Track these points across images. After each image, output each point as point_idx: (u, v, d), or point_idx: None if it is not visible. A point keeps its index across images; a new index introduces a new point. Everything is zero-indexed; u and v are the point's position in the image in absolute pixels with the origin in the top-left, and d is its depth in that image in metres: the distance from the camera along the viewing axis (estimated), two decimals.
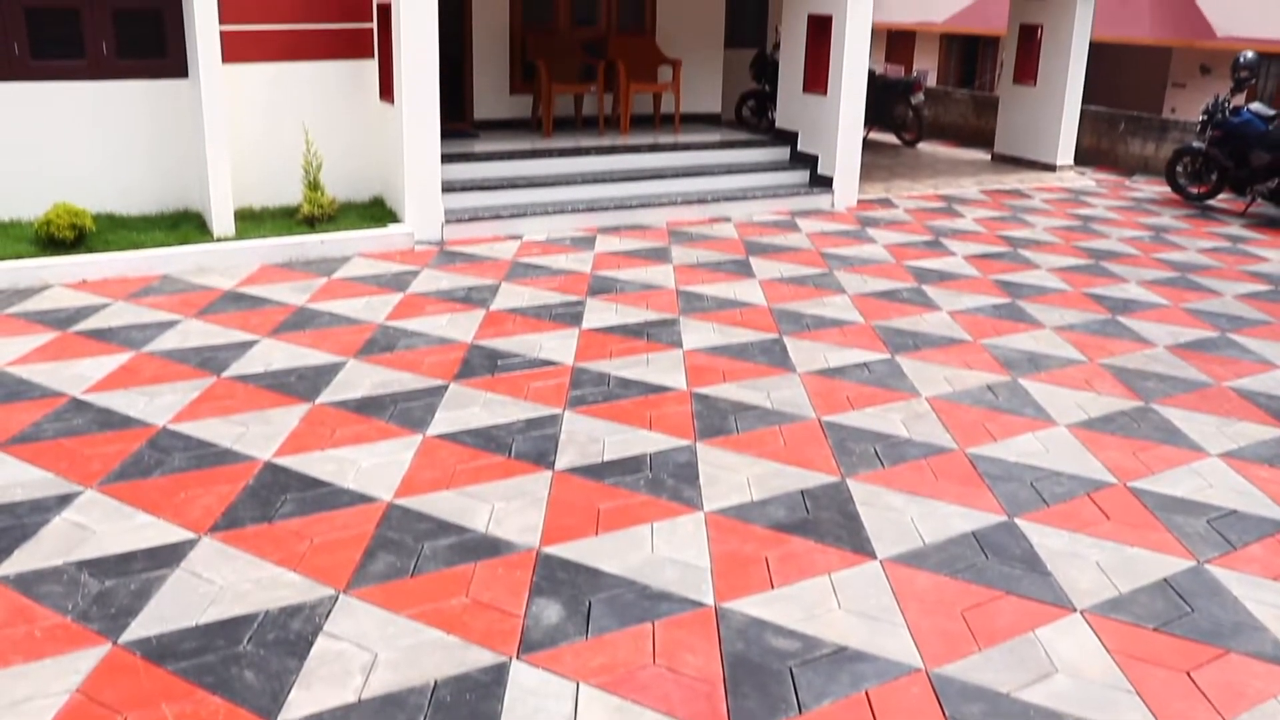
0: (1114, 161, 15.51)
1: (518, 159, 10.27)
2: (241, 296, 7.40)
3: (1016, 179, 13.72)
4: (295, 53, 9.25)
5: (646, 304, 7.46)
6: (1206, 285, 8.78)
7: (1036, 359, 6.63)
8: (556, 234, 9.57)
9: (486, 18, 11.70)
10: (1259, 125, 11.84)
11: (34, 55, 8.42)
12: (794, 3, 11.57)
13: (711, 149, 11.39)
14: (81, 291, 7.42)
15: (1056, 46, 14.15)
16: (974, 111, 17.65)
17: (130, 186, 8.89)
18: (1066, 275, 8.87)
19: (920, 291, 8.12)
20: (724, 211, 10.58)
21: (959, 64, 24.05)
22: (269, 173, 9.23)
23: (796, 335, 6.89)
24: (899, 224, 10.66)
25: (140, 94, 8.78)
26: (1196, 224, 11.53)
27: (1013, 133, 14.92)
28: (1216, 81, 17.88)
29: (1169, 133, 14.89)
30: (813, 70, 11.37)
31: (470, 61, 11.76)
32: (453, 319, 6.98)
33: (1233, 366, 6.67)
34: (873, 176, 12.98)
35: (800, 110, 11.60)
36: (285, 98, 9.25)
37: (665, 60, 12.17)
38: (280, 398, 5.52)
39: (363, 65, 9.56)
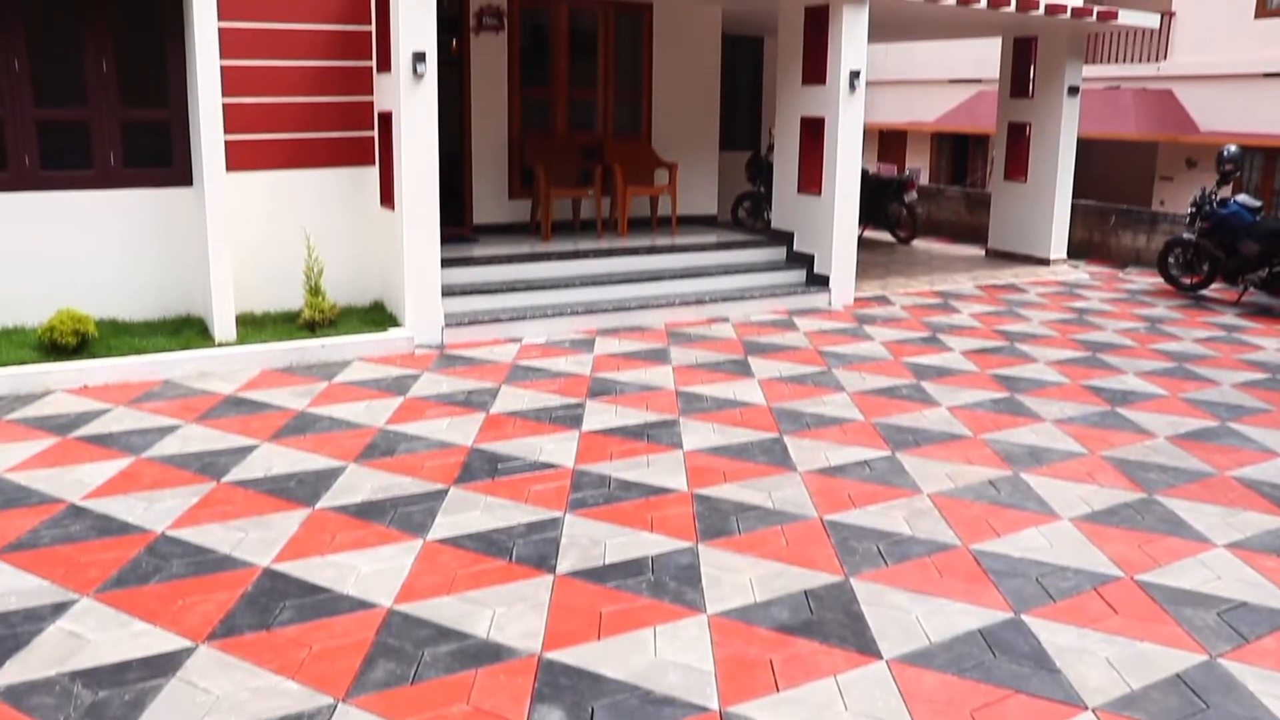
0: (1106, 254, 15.68)
1: (517, 263, 10.38)
2: (242, 401, 7.42)
3: (1011, 274, 13.85)
4: (298, 161, 9.43)
5: (646, 405, 7.47)
6: (1204, 375, 8.81)
7: (1037, 453, 6.62)
8: (556, 336, 9.63)
9: (485, 124, 11.94)
10: (1246, 216, 12.01)
11: (44, 166, 8.60)
12: (787, 106, 11.82)
13: (709, 250, 11.53)
14: (83, 397, 7.44)
15: (1045, 144, 14.42)
16: (967, 208, 17.90)
17: (134, 292, 8.98)
18: (1064, 368, 8.91)
19: (919, 388, 8.14)
20: (722, 312, 10.66)
21: (950, 162, 24.44)
22: (271, 278, 9.33)
23: (797, 434, 6.89)
24: (896, 321, 10.74)
25: (146, 202, 8.93)
26: (1191, 314, 11.61)
27: (1005, 228, 15.12)
28: (1202, 174, 18.17)
29: (1159, 225, 15.09)
30: (807, 171, 11.56)
31: (470, 167, 11.96)
32: (453, 422, 6.99)
33: (1234, 456, 6.65)
34: (869, 274, 13.11)
35: (795, 211, 11.77)
36: (287, 205, 9.40)
37: (661, 164, 12.38)
38: (280, 503, 5.50)
39: (364, 172, 9.74)
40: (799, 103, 11.59)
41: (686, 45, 13.07)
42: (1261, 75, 17.93)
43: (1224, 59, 18.61)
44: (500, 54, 11.90)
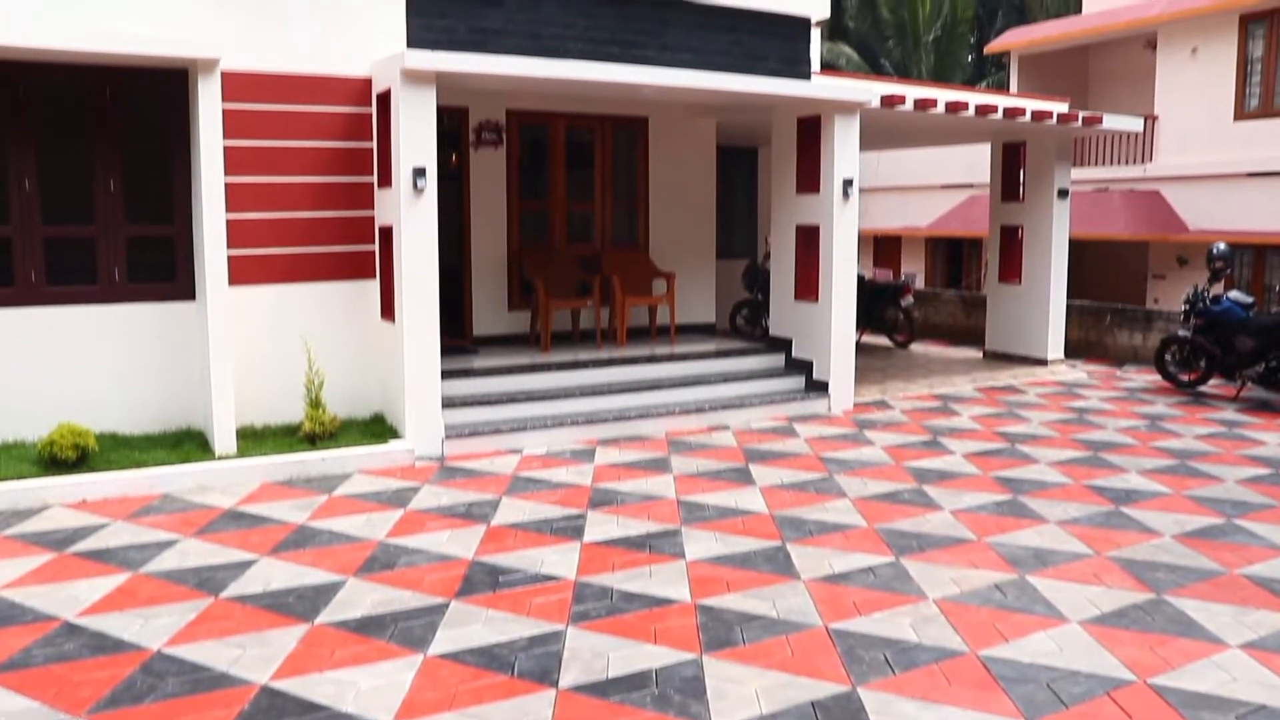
0: (1103, 353, 15.76)
1: (517, 374, 10.42)
2: (242, 515, 7.38)
3: (1009, 375, 13.89)
4: (299, 275, 9.54)
5: (648, 515, 7.43)
6: (1207, 471, 8.78)
7: (1043, 555, 6.56)
8: (557, 447, 9.62)
9: (485, 237, 12.10)
10: (1239, 312, 12.12)
11: (49, 281, 8.70)
12: (782, 214, 12.00)
13: (707, 358, 11.58)
14: (81, 511, 7.41)
15: (1038, 246, 14.60)
16: (963, 311, 18.03)
17: (135, 406, 9.00)
18: (1066, 468, 8.88)
19: (921, 492, 8.10)
20: (722, 420, 10.67)
21: (945, 265, 24.69)
22: (271, 390, 9.36)
23: (799, 541, 6.84)
24: (896, 425, 10.73)
25: (149, 316, 9.01)
26: (1191, 410, 11.61)
27: (1002, 330, 15.22)
28: (1194, 272, 18.34)
29: (1154, 323, 15.20)
30: (803, 278, 11.69)
31: (469, 279, 12.09)
32: (454, 535, 6.94)
33: (1243, 553, 6.60)
34: (868, 379, 13.14)
35: (793, 318, 11.87)
36: (289, 318, 9.48)
37: (659, 273, 12.52)
38: (279, 618, 5.43)
39: (365, 285, 9.84)
40: (794, 211, 11.77)
41: (682, 157, 13.32)
42: (1244, 175, 18.24)
43: (1207, 160, 18.96)
44: (499, 168, 12.13)
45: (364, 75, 9.65)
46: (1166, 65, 20.00)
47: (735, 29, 11.58)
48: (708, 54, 11.38)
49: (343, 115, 9.61)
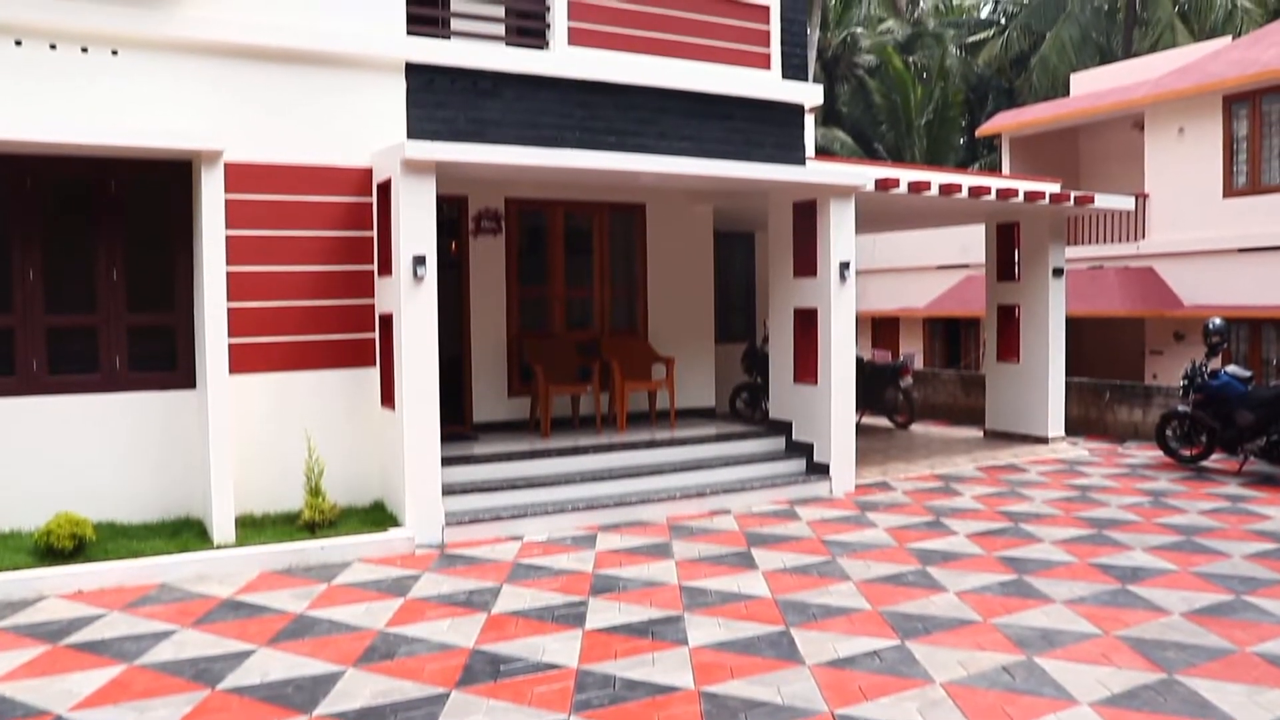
0: (1104, 430, 15.74)
1: (517, 460, 10.41)
2: (240, 604, 7.31)
3: (1010, 454, 13.86)
4: (300, 363, 9.58)
5: (650, 601, 7.36)
6: (1213, 547, 8.72)
7: (1050, 635, 6.49)
8: (558, 533, 9.56)
9: (485, 324, 12.17)
10: (1238, 386, 12.14)
11: (51, 370, 8.73)
12: (780, 298, 12.08)
13: (708, 442, 11.57)
14: (77, 602, 7.34)
15: (1035, 324, 14.67)
16: (962, 390, 18.05)
17: (134, 494, 8.97)
18: (1071, 547, 8.81)
19: (925, 574, 8.03)
20: (723, 504, 10.62)
21: (943, 345, 24.77)
22: (271, 479, 9.33)
23: (803, 626, 6.77)
24: (898, 506, 10.68)
25: (149, 405, 9.02)
26: (1194, 486, 11.57)
27: (1002, 409, 15.22)
28: (1191, 347, 18.41)
29: (1153, 398, 15.20)
30: (802, 361, 11.72)
31: (469, 366, 12.14)
32: (454, 623, 6.87)
33: (1254, 630, 6.52)
34: (869, 460, 13.11)
35: (792, 400, 11.88)
36: (289, 406, 9.49)
37: (658, 358, 12.57)
38: (276, 710, 5.35)
39: (365, 373, 9.87)
40: (791, 294, 11.85)
41: (680, 242, 13.45)
42: (1236, 250, 18.40)
43: (1199, 236, 19.15)
44: (498, 255, 12.25)
45: (365, 165, 9.80)
46: (1155, 145, 20.31)
47: (731, 116, 11.79)
48: (704, 141, 11.57)
49: (344, 205, 9.74)
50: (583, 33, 10.86)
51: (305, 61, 9.54)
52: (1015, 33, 32.67)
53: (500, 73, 10.47)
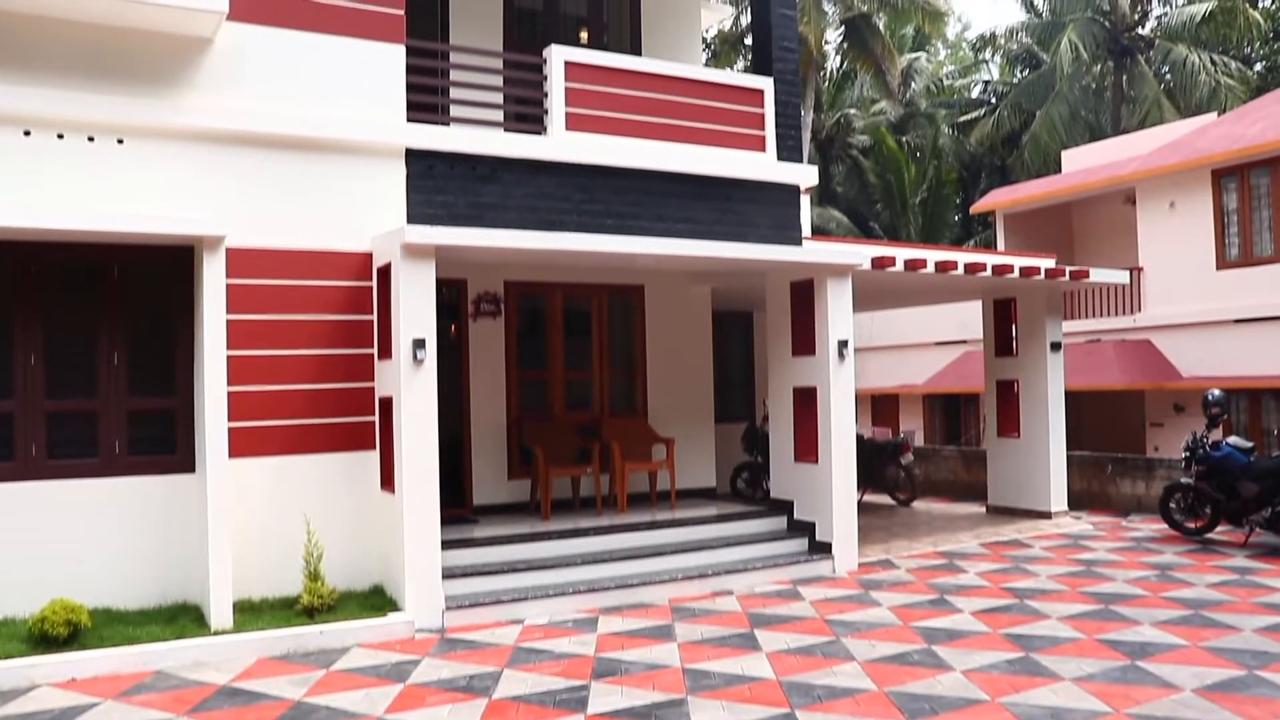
0: (1107, 503, 15.67)
1: (518, 543, 10.35)
2: (237, 692, 7.21)
3: (1014, 529, 13.78)
4: (299, 446, 9.56)
5: (653, 685, 7.27)
6: (1223, 621, 8.63)
7: (1060, 714, 6.39)
8: (559, 616, 9.47)
9: (484, 406, 12.19)
10: (1240, 458, 12.12)
11: (50, 455, 8.72)
12: (779, 377, 12.10)
13: (709, 523, 11.51)
14: (70, 691, 7.24)
15: (1034, 399, 14.69)
16: (964, 466, 18.00)
17: (131, 580, 8.88)
18: (1078, 623, 8.72)
19: (931, 652, 7.94)
20: (726, 585, 10.53)
21: (943, 421, 24.77)
22: (270, 563, 9.25)
23: (809, 708, 6.68)
24: (902, 585, 10.59)
25: (148, 489, 8.98)
26: (1200, 559, 11.48)
27: (1004, 484, 15.18)
28: (1192, 419, 18.40)
29: (1156, 471, 15.16)
30: (802, 440, 11.70)
31: (469, 448, 12.12)
32: (455, 709, 6.77)
33: (1268, 706, 6.43)
34: (871, 538, 13.03)
35: (793, 479, 11.84)
36: (288, 490, 9.45)
37: (658, 439, 12.55)
38: None
39: (364, 456, 9.84)
40: (790, 374, 11.88)
41: (679, 323, 13.53)
42: (1232, 321, 18.50)
43: (1194, 308, 19.26)
44: (498, 338, 12.31)
45: (365, 250, 9.89)
46: (1147, 219, 20.53)
47: (728, 198, 11.92)
48: (701, 223, 11.68)
49: (344, 289, 9.81)
50: (580, 118, 11.04)
51: (307, 148, 9.68)
52: (1006, 112, 33.20)
53: (499, 158, 10.62)
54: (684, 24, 14.16)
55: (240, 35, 9.36)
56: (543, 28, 13.08)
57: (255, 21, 9.44)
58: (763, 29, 12.56)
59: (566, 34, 13.22)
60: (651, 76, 11.54)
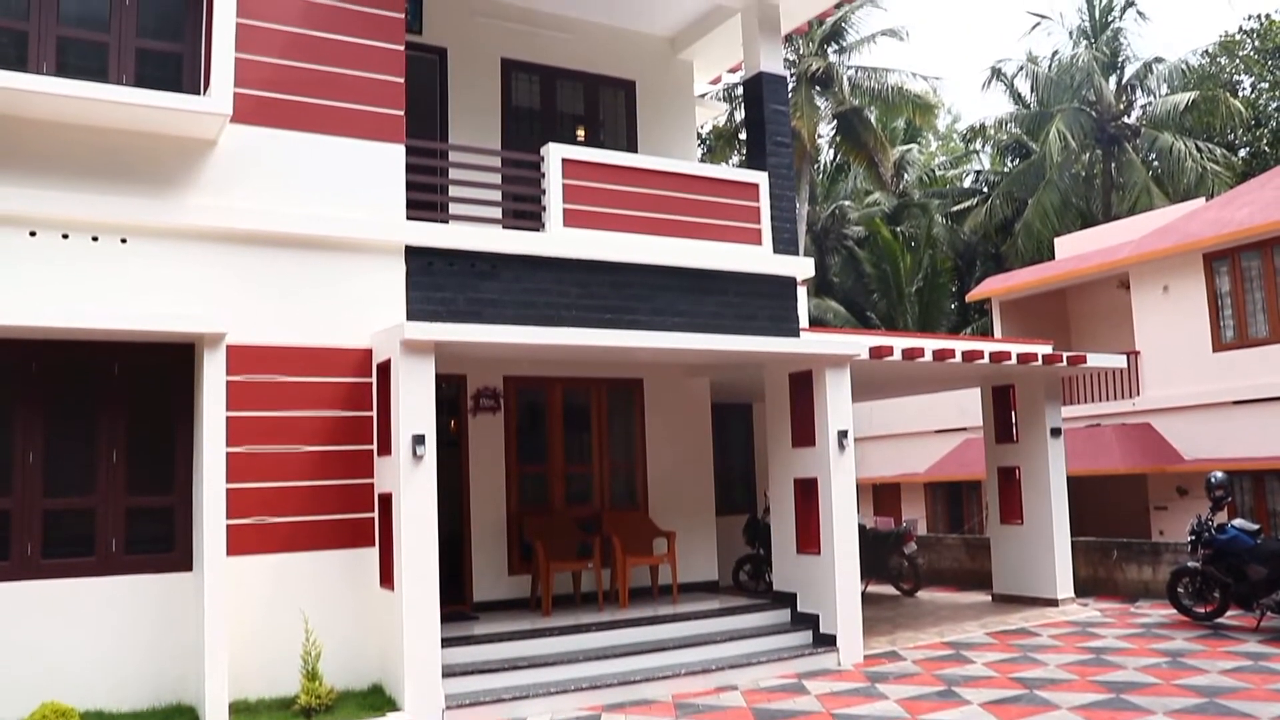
0: (1114, 589, 15.51)
1: (518, 639, 10.23)
2: None
3: (1020, 618, 13.62)
4: (298, 544, 9.50)
5: None
6: (1239, 709, 8.49)
7: None
8: (561, 714, 9.32)
9: (484, 501, 12.15)
10: (1247, 540, 12.04)
11: (45, 554, 8.65)
12: (779, 468, 12.07)
13: (712, 617, 11.38)
14: None
15: (1036, 485, 14.64)
16: (968, 554, 17.86)
17: (125, 680, 8.73)
18: (1089, 713, 8.58)
19: None
20: (730, 679, 10.37)
21: (946, 508, 24.61)
22: (267, 662, 9.13)
23: None
24: (909, 676, 10.44)
25: (144, 588, 8.90)
26: (1211, 644, 11.33)
27: (1009, 572, 15.04)
28: (1195, 502, 18.28)
29: (1162, 555, 15.04)
30: (804, 531, 11.63)
31: (469, 544, 12.05)
32: None
33: None
34: (876, 630, 12.88)
35: (796, 571, 11.74)
36: (286, 587, 9.37)
37: (659, 532, 12.48)
38: None
39: (364, 554, 9.78)
40: (791, 465, 11.85)
41: (678, 415, 13.54)
42: (1231, 403, 18.51)
43: (1193, 391, 19.28)
44: (497, 433, 12.32)
45: (365, 346, 9.95)
46: (1141, 303, 20.66)
47: (725, 291, 12.01)
48: (699, 316, 11.75)
49: (344, 385, 9.85)
50: (578, 214, 11.19)
51: (308, 246, 9.80)
52: (998, 200, 33.63)
53: (498, 254, 10.73)
54: (679, 120, 14.45)
55: (243, 137, 9.55)
56: (540, 126, 13.35)
57: (258, 124, 9.64)
58: (756, 124, 12.80)
59: (563, 131, 13.49)
60: (647, 172, 11.73)
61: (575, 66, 13.72)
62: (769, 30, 12.73)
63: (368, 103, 10.13)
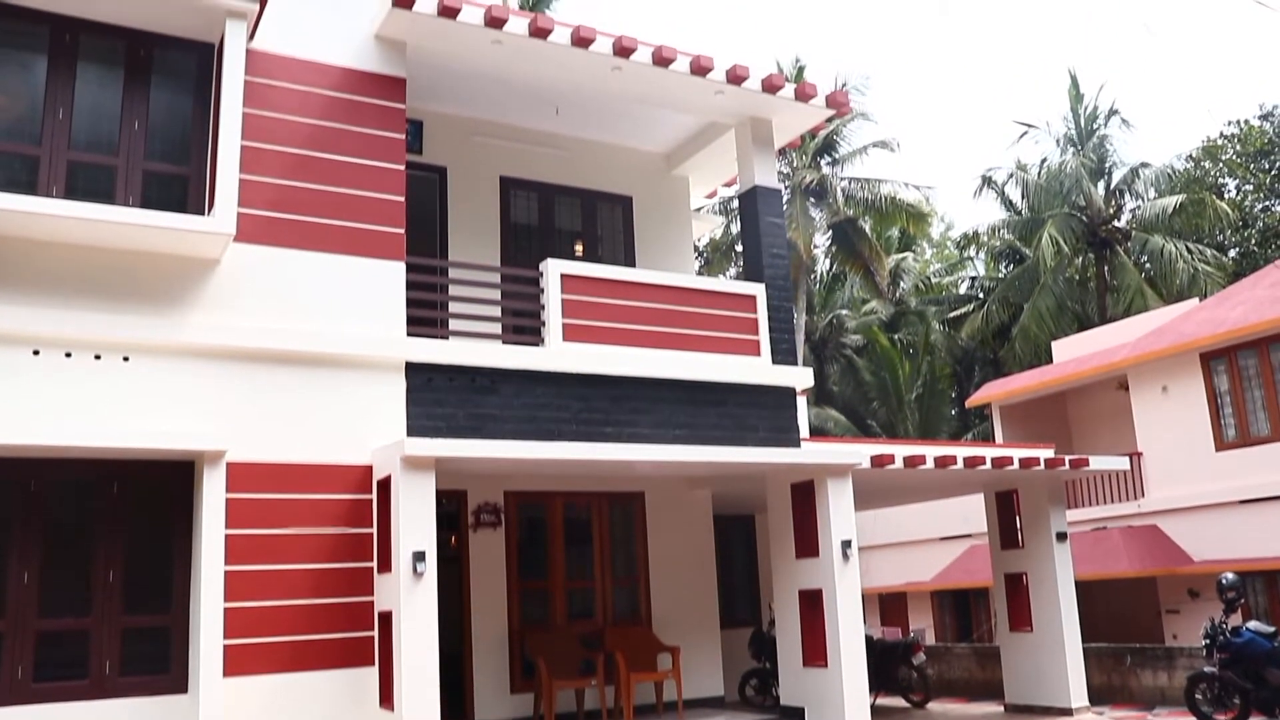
0: (1129, 696, 15.19)
1: None
2: None
3: None
4: (296, 664, 9.31)
5: None
6: None
7: None
8: None
9: (485, 618, 11.99)
10: (1263, 643, 11.84)
11: (37, 677, 8.48)
12: (783, 580, 11.94)
13: None
14: None
15: (1044, 591, 14.44)
16: (978, 663, 17.54)
17: None
18: None
19: None
20: None
21: (954, 617, 24.27)
22: None
23: None
24: None
25: (136, 712, 8.70)
26: None
27: (1020, 681, 14.75)
28: (1208, 604, 18.03)
29: (1177, 660, 14.76)
30: (810, 644, 11.45)
31: (470, 661, 11.86)
32: None
33: None
34: None
35: (804, 685, 11.52)
36: (284, 709, 9.12)
37: (664, 647, 12.30)
38: None
39: (363, 673, 9.57)
40: (795, 576, 11.72)
41: (680, 528, 13.45)
42: (1237, 502, 18.40)
43: (1197, 491, 19.19)
44: (498, 548, 12.22)
45: (365, 463, 9.91)
46: (1141, 404, 20.70)
47: (725, 403, 11.99)
48: (699, 428, 11.71)
49: (344, 502, 9.79)
50: (577, 328, 11.24)
51: (309, 363, 9.82)
52: (994, 306, 33.91)
53: (498, 369, 10.76)
54: (676, 234, 14.65)
55: (246, 255, 9.65)
56: (539, 241, 13.53)
57: (261, 242, 9.74)
58: (752, 237, 12.94)
59: (562, 246, 13.65)
60: (646, 286, 11.82)
61: (573, 183, 13.95)
62: (762, 145, 12.96)
63: (369, 221, 10.29)
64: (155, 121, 9.58)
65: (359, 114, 10.43)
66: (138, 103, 9.47)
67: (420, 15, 10.35)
